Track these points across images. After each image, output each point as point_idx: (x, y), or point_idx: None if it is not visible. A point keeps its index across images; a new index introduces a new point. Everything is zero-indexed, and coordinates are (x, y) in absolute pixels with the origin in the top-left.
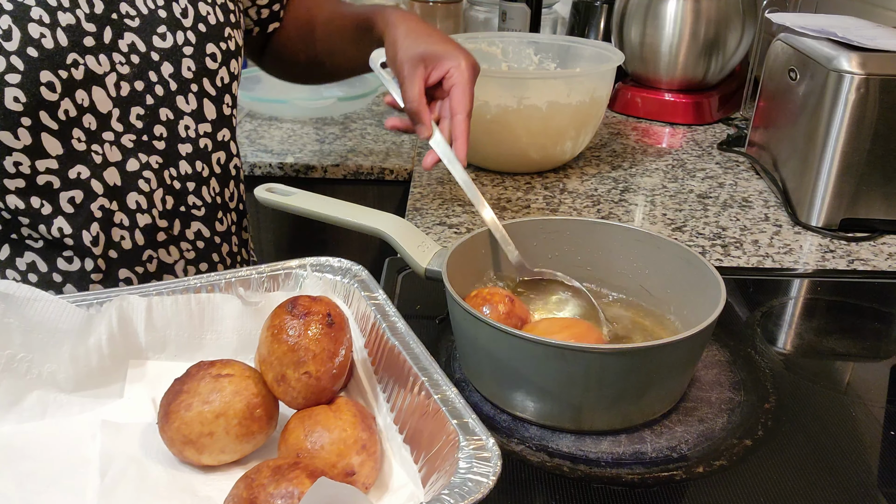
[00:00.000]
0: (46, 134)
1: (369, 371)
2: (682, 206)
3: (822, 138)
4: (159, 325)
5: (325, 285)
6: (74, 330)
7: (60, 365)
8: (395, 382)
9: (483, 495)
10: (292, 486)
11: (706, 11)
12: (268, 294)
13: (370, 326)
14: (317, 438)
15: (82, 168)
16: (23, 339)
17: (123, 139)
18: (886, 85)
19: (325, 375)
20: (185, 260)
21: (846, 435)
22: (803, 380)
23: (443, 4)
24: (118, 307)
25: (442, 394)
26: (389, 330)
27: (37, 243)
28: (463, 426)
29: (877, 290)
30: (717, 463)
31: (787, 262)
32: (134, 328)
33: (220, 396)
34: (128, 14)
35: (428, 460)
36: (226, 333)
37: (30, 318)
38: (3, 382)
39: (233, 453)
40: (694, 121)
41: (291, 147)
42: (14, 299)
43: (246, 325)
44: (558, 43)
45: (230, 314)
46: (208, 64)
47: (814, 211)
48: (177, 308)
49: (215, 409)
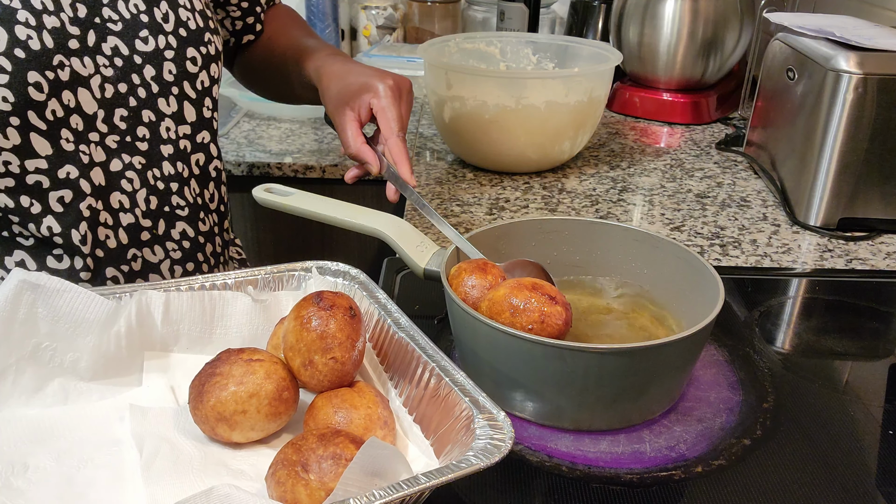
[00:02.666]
0: (35, 134)
1: (375, 363)
2: (681, 206)
3: (820, 138)
4: (175, 318)
5: (327, 286)
6: (98, 321)
7: (82, 354)
8: (403, 372)
9: (503, 455)
10: (339, 449)
11: (704, 11)
12: (273, 293)
13: (374, 322)
14: (345, 415)
15: (71, 168)
16: (49, 329)
17: (108, 140)
18: (884, 84)
19: (348, 361)
20: (170, 259)
21: (845, 434)
22: (802, 379)
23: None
24: (137, 301)
25: (451, 377)
26: (394, 325)
27: (27, 241)
28: (475, 402)
29: (875, 289)
30: (716, 462)
31: (785, 262)
32: (152, 321)
33: (253, 379)
34: (110, 18)
35: (439, 436)
36: (234, 328)
37: (58, 309)
38: (28, 370)
39: (261, 431)
40: (692, 120)
41: (290, 147)
42: (44, 290)
43: (253, 321)
44: (556, 43)
45: (239, 310)
46: (189, 68)
47: (812, 210)
48: (192, 303)
49: (248, 390)
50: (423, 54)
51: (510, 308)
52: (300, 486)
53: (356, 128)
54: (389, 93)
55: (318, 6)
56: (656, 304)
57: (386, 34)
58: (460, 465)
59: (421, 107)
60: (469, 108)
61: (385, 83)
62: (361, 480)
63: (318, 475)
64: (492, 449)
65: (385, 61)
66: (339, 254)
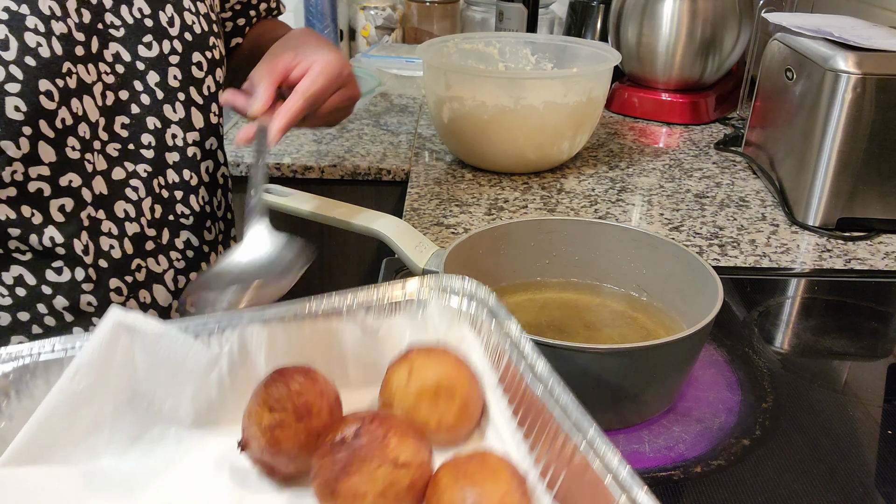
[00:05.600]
0: (43, 142)
1: (507, 415)
2: (680, 206)
3: (818, 138)
4: (280, 354)
5: (450, 314)
6: (199, 364)
7: (182, 400)
8: (540, 434)
9: None
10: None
11: (703, 11)
12: (387, 320)
13: (505, 364)
14: (475, 503)
15: (74, 176)
16: (147, 374)
17: (108, 148)
18: (883, 84)
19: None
20: (174, 269)
21: (844, 434)
22: (801, 379)
23: (440, 4)
24: (240, 338)
25: (603, 458)
26: (529, 371)
27: (24, 256)
28: (632, 502)
29: (874, 289)
30: (715, 463)
31: (784, 262)
32: (254, 360)
33: (395, 490)
34: (112, 24)
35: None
36: (344, 363)
37: (156, 354)
38: (127, 417)
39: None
40: (691, 120)
41: (288, 147)
42: (141, 334)
43: (364, 356)
44: (555, 43)
45: (349, 343)
46: (195, 73)
47: (811, 210)
48: (299, 337)
49: (388, 501)
50: (422, 55)
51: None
52: None
53: (277, 71)
54: (334, 66)
55: (316, 6)
56: (655, 305)
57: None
58: None
59: (420, 107)
60: (468, 108)
61: (334, 55)
62: None
63: None
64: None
65: (384, 62)
66: (339, 254)
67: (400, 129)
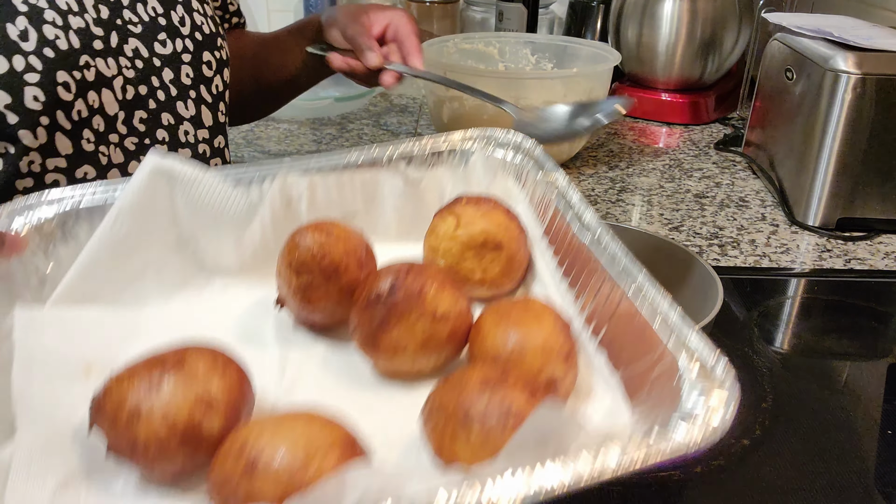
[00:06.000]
0: (60, 133)
1: (553, 268)
2: (679, 206)
3: (818, 138)
4: (321, 205)
5: (494, 164)
6: (239, 211)
7: (225, 247)
8: (587, 281)
9: (722, 433)
10: (507, 402)
11: (703, 11)
12: (431, 170)
13: (551, 215)
14: (518, 344)
15: (89, 168)
16: (188, 220)
17: (126, 142)
18: (883, 84)
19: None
20: None
21: (843, 434)
22: (801, 379)
23: (439, 4)
24: (281, 188)
25: (652, 302)
26: (577, 221)
27: None
28: (683, 343)
29: (874, 289)
30: (715, 462)
31: (784, 262)
32: (296, 208)
33: (435, 341)
34: (130, 20)
35: (632, 372)
36: (386, 214)
37: (196, 199)
38: (172, 263)
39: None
40: (691, 121)
41: (288, 147)
42: (180, 179)
43: (406, 206)
44: (555, 43)
45: (391, 193)
46: (205, 72)
47: (810, 210)
48: (339, 187)
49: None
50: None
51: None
52: (460, 440)
53: (367, 27)
54: (412, 18)
55: (316, 6)
56: None
57: None
58: (660, 445)
59: (420, 107)
60: (467, 108)
61: (407, 13)
62: (530, 447)
63: (481, 432)
64: (708, 416)
65: None
66: None
67: (400, 129)
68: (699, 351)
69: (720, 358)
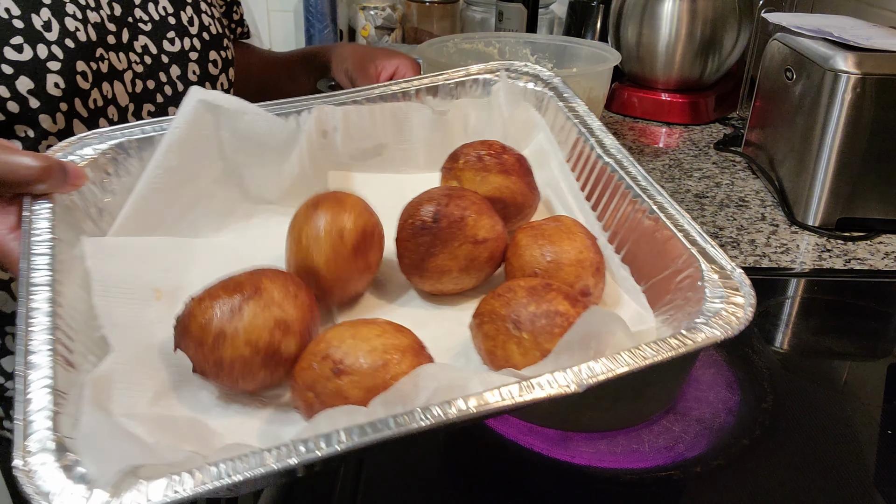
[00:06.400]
0: (77, 121)
1: (576, 190)
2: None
3: (818, 138)
4: (355, 135)
5: (515, 95)
6: (280, 142)
7: (267, 177)
8: (608, 203)
9: (743, 325)
10: (552, 306)
11: (702, 11)
12: (455, 101)
13: (573, 142)
14: (553, 258)
15: None
16: (233, 151)
17: None
18: (882, 84)
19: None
20: None
21: (843, 434)
22: (801, 379)
23: (439, 5)
24: (317, 118)
25: (672, 219)
26: (598, 146)
27: None
28: (702, 253)
29: (874, 289)
30: (715, 462)
31: (783, 262)
32: (332, 139)
33: (476, 264)
34: (141, 18)
35: (654, 285)
36: (415, 144)
37: (240, 131)
38: (219, 193)
39: (464, 287)
40: (690, 121)
41: None
42: (224, 111)
43: (433, 137)
44: (555, 43)
45: (420, 124)
46: (210, 70)
47: (810, 210)
48: (371, 117)
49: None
50: (422, 55)
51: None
52: (512, 343)
53: (374, 78)
54: (416, 64)
55: (316, 6)
56: None
57: (384, 35)
58: (693, 336)
59: None
60: None
61: (411, 59)
62: (579, 346)
63: (531, 334)
64: (728, 316)
65: None
66: None
67: None
68: (718, 259)
69: (736, 267)
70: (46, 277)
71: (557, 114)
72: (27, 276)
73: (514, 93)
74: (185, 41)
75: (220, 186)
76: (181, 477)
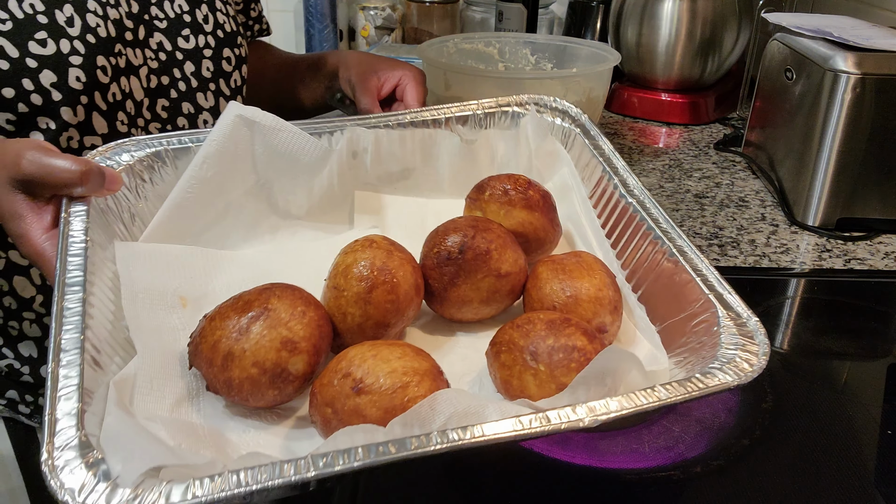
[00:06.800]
0: (97, 113)
1: (596, 227)
2: (679, 206)
3: (818, 138)
4: (384, 158)
5: (543, 129)
6: (311, 160)
7: (297, 193)
8: (629, 243)
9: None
10: (570, 341)
11: (702, 11)
12: (484, 131)
13: (597, 179)
14: (572, 294)
15: None
16: (266, 166)
17: (150, 127)
18: (882, 85)
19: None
20: None
21: (843, 434)
22: (800, 379)
23: (439, 5)
24: (348, 139)
25: (691, 263)
26: (621, 186)
27: None
28: (719, 299)
29: (874, 289)
30: (715, 463)
31: (783, 262)
32: (361, 160)
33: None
34: (157, 16)
35: (669, 326)
36: (442, 170)
37: (274, 147)
38: (249, 205)
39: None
40: (690, 121)
41: None
42: (260, 127)
43: (460, 165)
44: (555, 43)
45: (448, 151)
46: (224, 67)
47: (810, 210)
48: (401, 142)
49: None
50: (422, 55)
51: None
52: (528, 374)
53: (375, 92)
54: (420, 75)
55: (316, 6)
56: None
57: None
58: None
59: None
60: None
61: (416, 69)
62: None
63: (548, 367)
64: (741, 363)
65: None
66: None
67: None
68: (735, 306)
69: (752, 315)
70: (79, 278)
71: (583, 150)
72: (62, 276)
73: (541, 126)
74: (199, 38)
75: (250, 199)
76: (201, 481)
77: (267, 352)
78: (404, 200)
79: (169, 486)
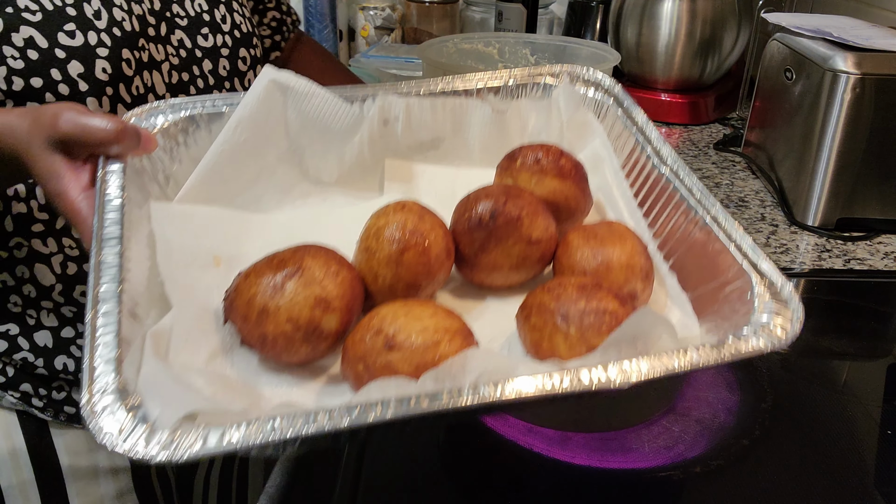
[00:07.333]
0: (121, 106)
1: (629, 197)
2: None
3: (818, 138)
4: (415, 126)
5: (576, 100)
6: (343, 127)
7: (328, 159)
8: (661, 212)
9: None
10: (602, 304)
11: (702, 11)
12: (515, 101)
13: (630, 150)
14: (604, 261)
15: None
16: (298, 131)
17: None
18: (882, 85)
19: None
20: None
21: (843, 434)
22: (800, 379)
23: (439, 5)
24: (380, 107)
25: (726, 231)
26: (655, 156)
27: None
28: (754, 266)
29: (873, 289)
30: (715, 463)
31: (783, 262)
32: (392, 128)
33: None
34: (178, 14)
35: (701, 295)
36: (472, 140)
37: (307, 113)
38: (281, 170)
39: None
40: (690, 121)
41: None
42: (293, 92)
43: (491, 135)
44: (555, 43)
45: (479, 121)
46: (240, 66)
47: (810, 210)
48: (433, 110)
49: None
50: (421, 55)
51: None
52: (559, 336)
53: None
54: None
55: (315, 7)
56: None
57: (384, 35)
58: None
59: None
60: None
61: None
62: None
63: (578, 329)
64: (775, 328)
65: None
66: None
67: None
68: (769, 274)
69: (787, 282)
70: (116, 233)
71: (616, 121)
72: (100, 231)
73: (573, 97)
74: (217, 37)
75: (281, 164)
76: (238, 426)
77: (301, 309)
78: (434, 169)
79: (206, 430)
